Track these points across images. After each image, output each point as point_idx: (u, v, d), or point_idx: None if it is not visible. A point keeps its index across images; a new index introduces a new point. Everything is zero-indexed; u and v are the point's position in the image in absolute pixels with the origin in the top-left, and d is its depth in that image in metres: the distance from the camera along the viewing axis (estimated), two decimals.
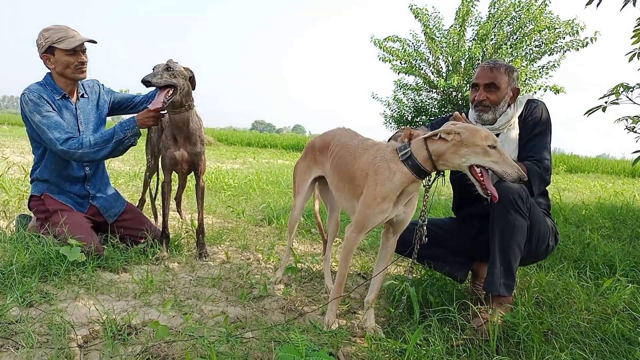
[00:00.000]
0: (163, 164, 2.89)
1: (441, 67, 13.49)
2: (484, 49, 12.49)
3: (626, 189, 8.62)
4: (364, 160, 1.96)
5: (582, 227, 4.03)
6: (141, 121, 2.63)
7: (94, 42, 2.68)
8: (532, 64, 12.64)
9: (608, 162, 16.11)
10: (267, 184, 6.10)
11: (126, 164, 7.61)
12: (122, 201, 2.98)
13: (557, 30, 12.10)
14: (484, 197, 1.78)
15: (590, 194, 7.51)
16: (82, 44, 2.61)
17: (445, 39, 13.12)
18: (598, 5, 3.55)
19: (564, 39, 12.12)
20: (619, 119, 3.51)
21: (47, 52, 2.59)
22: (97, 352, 1.64)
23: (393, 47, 13.35)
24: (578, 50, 11.91)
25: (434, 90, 13.63)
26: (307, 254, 3.13)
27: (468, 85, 12.61)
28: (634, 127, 3.54)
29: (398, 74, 13.52)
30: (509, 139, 2.18)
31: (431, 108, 13.93)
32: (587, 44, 11.68)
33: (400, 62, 13.39)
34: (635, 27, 3.34)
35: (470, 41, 12.98)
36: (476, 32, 12.91)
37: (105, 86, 3.00)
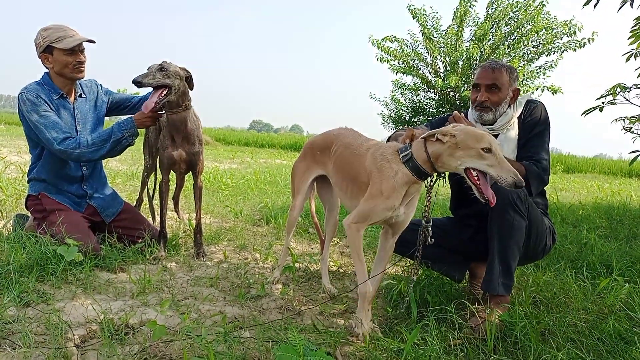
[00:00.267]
0: (161, 164, 2.89)
1: (439, 67, 13.51)
2: (482, 50, 12.51)
3: (623, 189, 8.65)
4: (367, 160, 1.96)
5: (579, 227, 4.04)
6: (139, 121, 2.63)
7: (92, 41, 2.67)
8: (530, 65, 12.67)
9: (605, 162, 16.17)
10: (264, 183, 6.10)
11: (124, 164, 7.60)
12: (119, 201, 2.98)
13: (554, 31, 12.14)
14: (482, 201, 1.75)
15: (587, 194, 7.53)
16: (80, 44, 2.61)
17: (443, 39, 13.13)
18: (595, 5, 3.57)
19: (561, 39, 12.15)
20: (616, 119, 3.53)
21: (46, 51, 2.58)
22: (94, 351, 1.64)
23: (391, 47, 13.36)
24: (575, 50, 11.95)
25: (432, 91, 13.65)
26: (305, 254, 3.13)
27: (466, 86, 12.63)
28: (631, 128, 3.56)
29: (396, 74, 13.54)
30: (508, 139, 2.19)
31: (429, 108, 13.95)
32: (584, 44, 11.71)
33: (398, 62, 13.40)
34: (632, 27, 3.35)
35: (468, 41, 12.99)
36: (474, 32, 12.93)
37: (103, 86, 2.99)
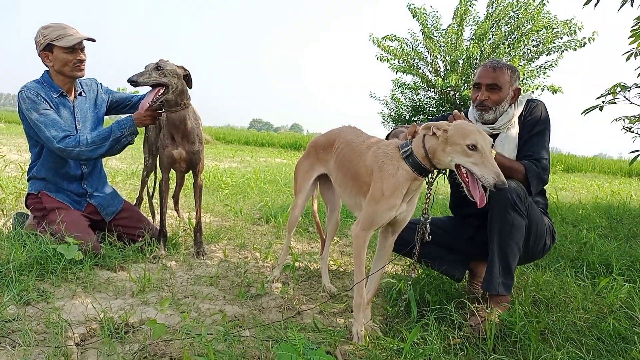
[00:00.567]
0: (161, 163, 2.88)
1: (439, 67, 13.51)
2: (482, 49, 12.51)
3: (623, 189, 8.65)
4: (368, 158, 1.95)
5: (579, 226, 4.04)
6: (138, 120, 2.62)
7: (92, 40, 2.67)
8: (530, 64, 12.67)
9: (605, 162, 16.17)
10: (264, 182, 6.10)
11: (124, 162, 7.59)
12: (119, 199, 2.98)
13: (554, 30, 12.13)
14: (470, 199, 1.69)
15: (587, 194, 7.53)
16: (80, 42, 2.60)
17: (443, 38, 13.13)
18: (596, 5, 3.56)
19: (561, 38, 12.15)
20: (616, 118, 3.53)
21: (46, 49, 2.58)
22: (94, 350, 1.64)
23: (391, 46, 13.36)
24: (576, 50, 11.95)
25: (432, 90, 13.65)
26: (305, 253, 3.13)
27: (466, 85, 12.63)
28: (631, 127, 3.55)
29: (396, 73, 13.54)
30: (509, 138, 2.18)
31: (429, 107, 13.95)
32: (584, 44, 11.71)
33: (399, 61, 13.40)
34: (632, 27, 3.35)
35: (468, 41, 12.99)
36: (474, 31, 12.93)
37: (103, 85, 2.99)
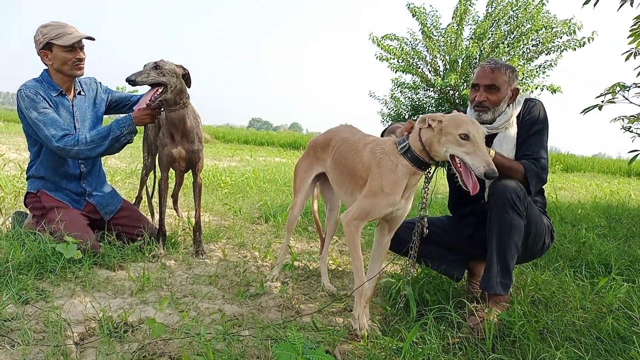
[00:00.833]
0: (160, 162, 2.88)
1: (438, 66, 13.50)
2: (482, 48, 12.50)
3: (622, 188, 8.66)
4: (365, 155, 1.96)
5: (577, 226, 4.05)
6: (138, 118, 2.62)
7: (92, 39, 2.67)
8: (529, 63, 12.66)
9: (604, 162, 16.17)
10: (264, 181, 6.10)
11: (123, 161, 7.59)
12: (118, 198, 2.98)
13: (554, 30, 12.12)
14: (464, 188, 1.75)
15: (586, 193, 7.54)
16: (80, 41, 2.60)
17: (443, 37, 13.12)
18: (595, 5, 3.56)
19: (561, 38, 12.14)
20: (615, 118, 3.53)
21: (45, 48, 2.57)
22: (93, 349, 1.64)
23: (391, 46, 13.35)
24: (575, 50, 11.94)
25: (432, 89, 13.64)
26: (304, 252, 3.13)
27: (465, 84, 12.62)
28: (630, 127, 3.56)
29: (395, 72, 13.53)
30: (507, 138, 2.18)
31: (428, 107, 13.94)
32: (584, 43, 11.70)
33: (398, 61, 13.39)
34: (632, 26, 3.35)
35: (468, 40, 12.98)
36: (473, 31, 12.92)
37: (102, 84, 2.98)
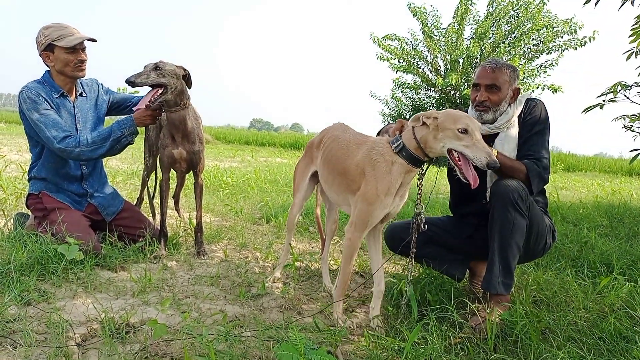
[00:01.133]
0: (161, 163, 2.89)
1: (439, 66, 13.50)
2: (482, 48, 12.49)
3: (623, 188, 8.65)
4: (359, 156, 1.97)
5: (579, 225, 4.04)
6: (139, 119, 2.62)
7: (93, 40, 2.67)
8: (530, 63, 12.66)
9: (605, 161, 16.15)
10: (265, 182, 6.10)
11: (124, 162, 7.60)
12: (120, 199, 2.98)
13: (555, 29, 12.12)
14: (464, 181, 1.80)
15: (588, 193, 7.53)
16: (81, 42, 2.61)
17: (444, 37, 13.12)
18: (596, 4, 3.56)
19: (562, 37, 12.14)
20: (617, 117, 3.52)
21: (47, 49, 2.58)
22: (95, 350, 1.64)
23: (392, 46, 13.36)
24: (576, 49, 11.94)
25: (432, 89, 13.64)
26: (306, 253, 3.13)
27: (466, 84, 12.62)
28: (632, 126, 3.55)
29: (396, 72, 13.53)
30: (509, 138, 2.18)
31: (429, 107, 13.93)
32: (585, 43, 11.71)
33: (399, 61, 13.40)
34: (633, 25, 3.34)
35: (469, 40, 12.98)
36: (474, 30, 12.92)
37: (104, 86, 2.99)
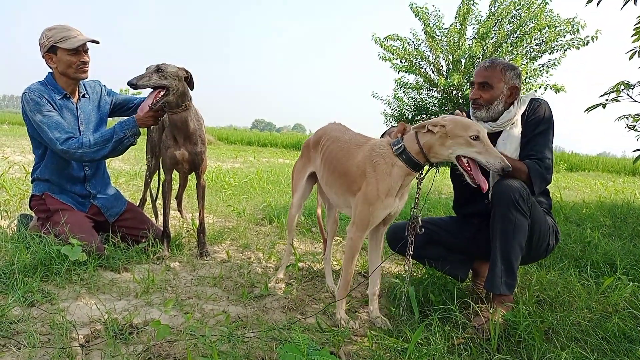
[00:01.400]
0: (164, 164, 2.89)
1: (441, 66, 13.49)
2: (485, 48, 12.49)
3: (627, 187, 8.62)
4: (360, 157, 1.97)
5: (582, 225, 4.03)
6: (141, 120, 2.63)
7: (96, 42, 2.68)
8: (533, 63, 12.64)
9: (608, 161, 16.07)
10: (267, 183, 6.11)
11: (127, 164, 7.61)
12: (123, 201, 2.99)
13: (557, 29, 12.10)
14: (473, 186, 1.84)
15: (591, 193, 7.50)
16: (84, 44, 2.62)
17: (446, 37, 13.12)
18: (598, 3, 3.55)
19: (564, 37, 12.12)
20: (620, 117, 3.51)
21: (50, 51, 2.59)
22: (98, 351, 1.64)
23: (394, 46, 13.35)
24: (579, 49, 11.92)
25: (435, 89, 13.64)
26: (308, 253, 3.13)
27: (468, 84, 12.61)
28: (635, 125, 3.53)
29: (398, 72, 13.53)
30: (511, 137, 2.17)
31: (432, 107, 13.93)
32: (587, 42, 11.68)
33: (401, 61, 13.40)
34: (635, 25, 3.33)
35: (471, 40, 12.97)
36: (476, 30, 12.91)
37: (107, 87, 3.00)
